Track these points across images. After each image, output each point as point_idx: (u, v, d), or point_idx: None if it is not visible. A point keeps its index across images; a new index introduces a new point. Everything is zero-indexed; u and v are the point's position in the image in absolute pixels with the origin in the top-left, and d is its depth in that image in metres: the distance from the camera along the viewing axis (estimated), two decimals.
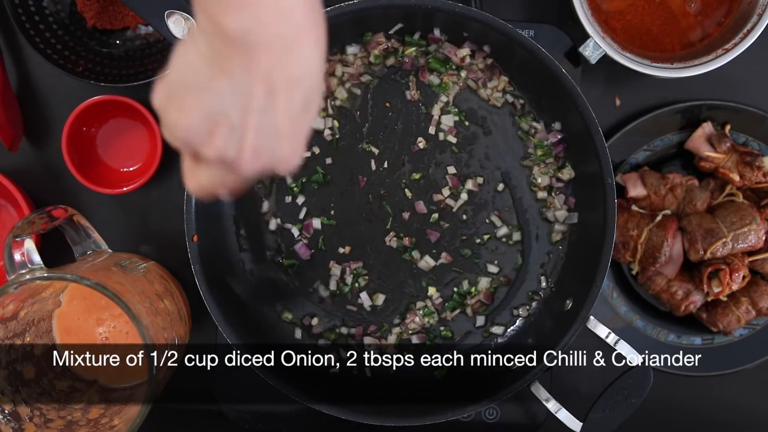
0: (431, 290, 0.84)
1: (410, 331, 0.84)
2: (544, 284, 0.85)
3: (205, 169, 0.52)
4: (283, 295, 0.84)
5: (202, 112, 0.48)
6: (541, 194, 0.84)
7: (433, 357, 0.85)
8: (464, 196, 0.84)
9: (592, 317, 0.77)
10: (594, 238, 0.78)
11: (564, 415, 0.77)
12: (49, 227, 0.72)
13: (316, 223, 0.84)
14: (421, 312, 0.84)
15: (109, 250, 0.79)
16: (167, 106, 0.49)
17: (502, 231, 0.84)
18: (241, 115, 0.48)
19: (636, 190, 0.85)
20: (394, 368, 0.85)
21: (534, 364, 0.77)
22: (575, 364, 0.89)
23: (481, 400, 0.77)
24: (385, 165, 0.84)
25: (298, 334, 0.84)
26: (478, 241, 0.84)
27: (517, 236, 0.84)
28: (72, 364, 0.79)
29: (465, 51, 0.82)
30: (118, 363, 0.80)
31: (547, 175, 0.83)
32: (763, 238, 0.83)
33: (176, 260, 0.83)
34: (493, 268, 0.84)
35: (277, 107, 0.49)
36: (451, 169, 0.84)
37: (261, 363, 0.76)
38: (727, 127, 0.86)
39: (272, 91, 0.48)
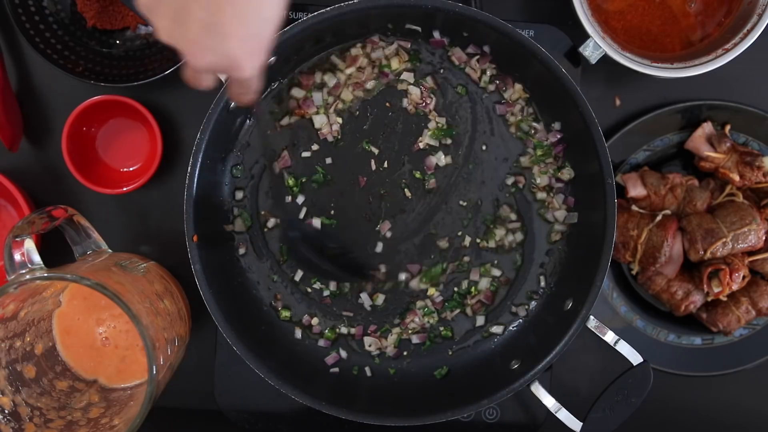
0: (431, 290, 0.84)
1: (410, 331, 0.84)
2: (543, 284, 0.85)
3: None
4: (283, 294, 0.84)
5: (168, 16, 0.52)
6: (541, 195, 0.84)
7: (433, 357, 0.85)
8: (464, 196, 0.84)
9: (592, 317, 0.77)
10: (594, 238, 0.78)
11: (564, 415, 0.77)
12: (49, 227, 0.72)
13: (316, 222, 0.84)
14: (421, 312, 0.84)
15: (109, 250, 0.79)
16: None
17: (503, 231, 0.84)
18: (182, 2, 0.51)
19: (636, 190, 0.85)
20: (394, 368, 0.85)
21: (534, 363, 0.77)
22: (575, 364, 0.90)
23: (481, 400, 0.77)
24: (385, 165, 0.84)
25: (298, 333, 0.84)
26: (478, 241, 0.84)
27: (517, 237, 0.84)
28: (72, 364, 0.79)
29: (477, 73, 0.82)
30: (118, 363, 0.80)
31: (547, 175, 0.83)
32: (763, 238, 0.83)
33: (176, 260, 0.83)
34: (493, 269, 0.84)
35: (222, 7, 0.51)
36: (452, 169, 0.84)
37: (261, 363, 0.76)
38: (727, 127, 0.87)
39: None
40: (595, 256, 0.77)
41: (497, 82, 0.83)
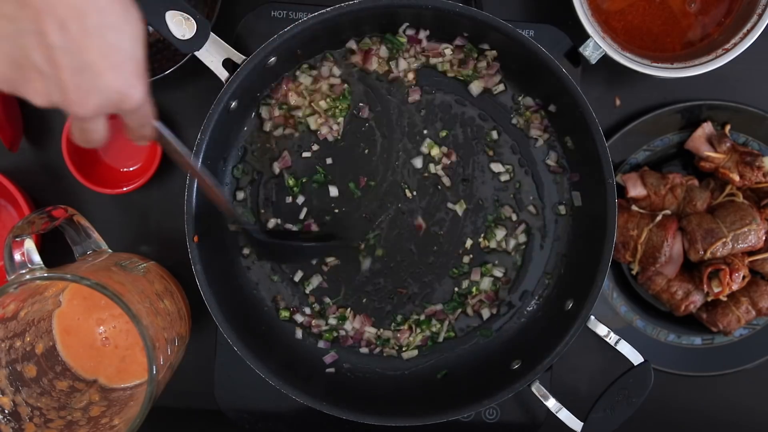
0: None
1: None
2: (543, 284, 0.85)
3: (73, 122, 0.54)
4: (283, 294, 0.84)
5: (6, 60, 0.49)
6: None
7: (434, 357, 0.85)
8: (465, 197, 0.84)
9: (592, 317, 0.77)
10: (594, 239, 0.78)
11: (565, 415, 0.77)
12: (49, 227, 0.72)
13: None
14: None
15: (109, 250, 0.79)
16: None
17: (503, 232, 0.84)
18: (43, 55, 0.48)
19: (636, 190, 0.85)
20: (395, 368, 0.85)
21: (534, 363, 0.77)
22: (575, 364, 0.90)
23: (481, 400, 0.77)
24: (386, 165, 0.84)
25: (298, 334, 0.84)
26: (479, 241, 0.84)
27: (519, 237, 0.84)
28: (72, 364, 0.79)
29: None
30: (118, 363, 0.80)
31: (555, 153, 0.83)
32: (763, 238, 0.83)
33: (176, 260, 0.83)
34: (494, 269, 0.84)
35: (77, 40, 0.48)
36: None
37: (261, 363, 0.76)
38: (727, 127, 0.87)
39: (63, 25, 0.48)
40: (595, 256, 0.77)
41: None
